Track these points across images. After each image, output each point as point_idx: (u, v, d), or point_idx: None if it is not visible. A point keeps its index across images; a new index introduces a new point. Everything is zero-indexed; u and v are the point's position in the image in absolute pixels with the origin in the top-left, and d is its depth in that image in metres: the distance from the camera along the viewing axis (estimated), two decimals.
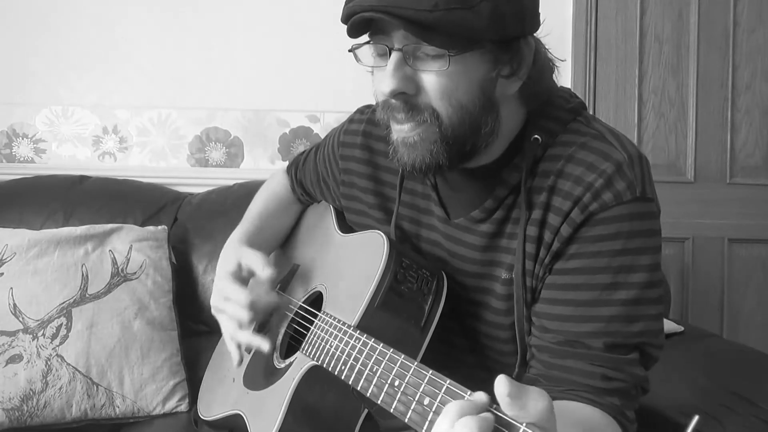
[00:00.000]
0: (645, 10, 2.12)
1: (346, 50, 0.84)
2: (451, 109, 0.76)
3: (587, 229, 0.77)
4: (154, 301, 1.45)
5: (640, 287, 0.77)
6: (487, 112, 0.79)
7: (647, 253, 0.77)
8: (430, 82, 0.76)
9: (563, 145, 0.82)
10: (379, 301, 0.82)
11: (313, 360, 0.85)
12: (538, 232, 0.81)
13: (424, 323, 0.83)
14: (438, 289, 0.86)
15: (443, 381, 0.59)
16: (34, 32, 1.90)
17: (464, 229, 0.88)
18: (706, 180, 2.15)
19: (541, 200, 0.81)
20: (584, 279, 0.78)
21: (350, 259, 0.96)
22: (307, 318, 0.95)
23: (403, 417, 0.62)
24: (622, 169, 0.77)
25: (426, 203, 0.94)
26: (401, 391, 0.64)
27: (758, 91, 2.14)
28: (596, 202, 0.77)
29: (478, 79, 0.77)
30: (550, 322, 0.80)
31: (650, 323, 0.78)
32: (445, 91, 0.75)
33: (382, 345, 0.72)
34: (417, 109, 0.77)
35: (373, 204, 1.00)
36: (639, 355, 0.78)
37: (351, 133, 1.04)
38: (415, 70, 0.76)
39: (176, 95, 1.94)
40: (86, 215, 1.59)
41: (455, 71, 0.75)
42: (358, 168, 1.02)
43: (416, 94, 0.77)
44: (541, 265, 0.81)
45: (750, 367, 1.31)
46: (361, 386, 0.72)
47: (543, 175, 0.81)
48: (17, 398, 1.29)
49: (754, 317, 2.16)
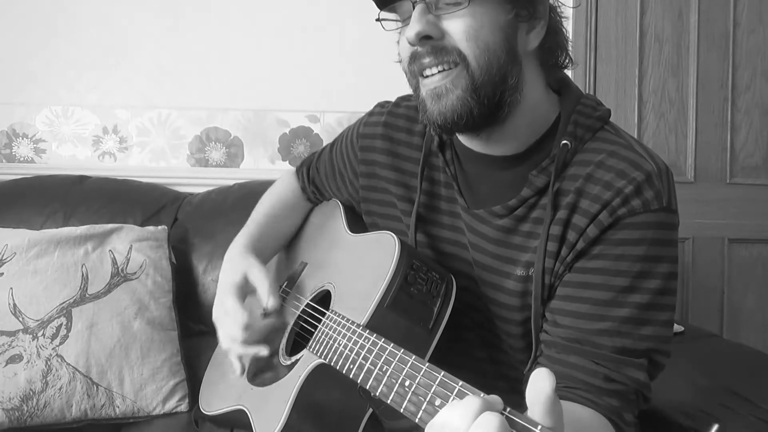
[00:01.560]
0: (645, 10, 2.12)
1: (346, 50, 0.85)
2: (478, 51, 0.79)
3: (614, 231, 0.79)
4: (154, 301, 1.45)
5: (655, 293, 0.78)
6: (511, 61, 0.81)
7: (666, 261, 0.79)
8: (455, 25, 0.79)
9: (592, 152, 0.83)
10: (389, 301, 0.83)
11: (320, 358, 0.85)
12: (562, 232, 0.82)
13: (433, 325, 0.83)
14: (447, 292, 0.87)
15: (455, 383, 0.59)
16: (34, 32, 1.90)
17: (482, 220, 0.88)
18: (706, 180, 2.14)
19: (567, 201, 0.82)
20: (603, 279, 0.79)
21: (360, 259, 0.96)
22: (314, 316, 0.95)
23: (414, 417, 0.62)
24: (651, 178, 0.79)
25: (449, 192, 0.95)
26: (412, 391, 0.63)
27: (758, 91, 2.14)
28: (625, 207, 0.78)
29: (500, 21, 0.80)
30: (563, 318, 0.81)
31: (659, 329, 0.79)
32: (469, 30, 0.79)
33: (392, 345, 0.72)
34: (444, 50, 0.79)
35: (394, 193, 1.00)
36: (646, 362, 0.79)
37: (371, 125, 1.05)
38: (438, 16, 0.79)
39: (176, 95, 1.94)
40: (86, 215, 1.59)
41: (477, 11, 0.78)
42: (379, 158, 1.02)
43: (442, 38, 0.79)
44: (562, 263, 0.82)
45: (750, 367, 1.31)
46: (370, 385, 0.72)
47: (571, 178, 0.83)
48: (17, 398, 1.29)
49: (754, 317, 2.16)
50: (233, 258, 1.07)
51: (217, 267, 1.57)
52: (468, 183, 0.92)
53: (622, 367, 0.77)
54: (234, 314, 1.00)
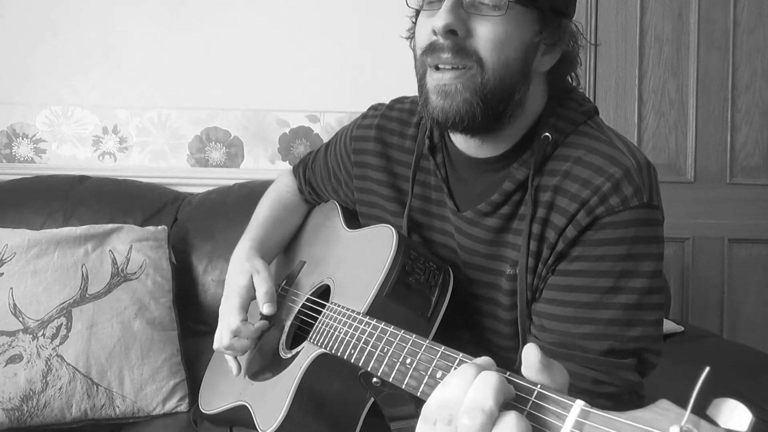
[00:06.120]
0: (645, 10, 2.12)
1: (346, 50, 0.84)
2: (498, 62, 0.78)
3: (593, 232, 0.78)
4: (154, 301, 1.45)
5: (641, 293, 0.77)
6: (522, 79, 0.80)
7: (650, 259, 0.78)
8: (484, 28, 0.77)
9: (572, 146, 0.82)
10: (388, 290, 0.83)
11: (321, 348, 0.85)
12: (541, 231, 0.81)
13: (431, 315, 0.84)
14: (444, 283, 0.87)
15: (456, 354, 0.59)
16: (34, 32, 1.90)
17: (471, 222, 0.88)
18: (706, 180, 2.14)
19: (545, 199, 0.81)
20: (586, 281, 0.78)
21: (359, 252, 0.96)
22: (314, 309, 0.95)
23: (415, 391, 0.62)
24: (630, 174, 0.78)
25: (439, 195, 0.94)
26: (413, 367, 0.63)
27: (758, 91, 2.14)
28: (603, 205, 0.77)
29: (525, 40, 0.79)
30: (549, 321, 0.80)
31: (649, 329, 0.78)
32: (497, 41, 0.77)
33: (392, 327, 0.72)
34: (465, 51, 0.78)
35: (387, 196, 1.00)
36: (635, 361, 0.78)
37: (365, 127, 1.05)
38: (469, 14, 0.77)
39: (176, 95, 1.94)
40: (86, 215, 1.59)
41: (510, 24, 0.77)
42: (371, 161, 1.02)
43: (466, 38, 0.78)
44: (544, 264, 0.81)
45: (750, 367, 1.31)
46: (371, 367, 0.71)
47: (550, 173, 0.82)
48: (17, 398, 1.29)
49: (754, 317, 2.16)
50: (240, 260, 1.08)
51: (217, 267, 1.58)
52: (459, 186, 0.92)
53: (612, 369, 0.76)
54: (228, 318, 1.02)
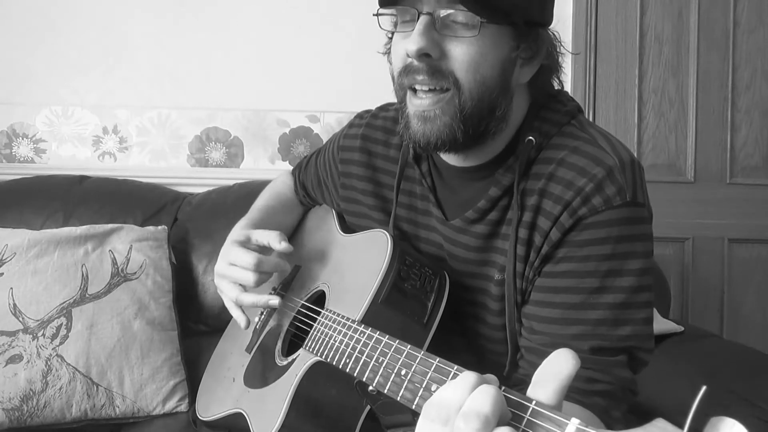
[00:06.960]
0: (645, 10, 2.12)
1: (346, 50, 0.84)
2: (474, 83, 0.77)
3: (576, 233, 0.78)
4: (154, 301, 1.45)
5: (629, 291, 0.77)
6: (503, 94, 0.80)
7: (636, 257, 0.78)
8: (459, 50, 0.76)
9: (555, 149, 0.82)
10: (383, 297, 0.83)
11: (316, 356, 0.85)
12: (528, 235, 0.81)
13: (427, 320, 0.84)
14: (440, 287, 0.87)
15: (450, 367, 0.59)
16: (34, 32, 1.90)
17: (459, 230, 0.88)
18: (706, 180, 2.14)
19: (531, 203, 0.81)
20: (572, 282, 0.78)
21: (353, 258, 0.96)
22: (309, 316, 0.95)
23: (410, 404, 0.62)
24: (613, 173, 0.77)
25: (424, 204, 0.94)
26: (408, 379, 0.63)
27: (758, 91, 2.14)
28: (585, 206, 0.77)
29: (501, 57, 0.78)
30: (538, 324, 0.80)
31: (638, 327, 0.78)
32: (472, 61, 0.76)
33: (387, 337, 0.72)
34: (440, 73, 0.77)
35: (372, 206, 1.00)
36: (627, 358, 0.78)
37: (350, 137, 1.05)
38: (443, 36, 0.76)
39: (176, 95, 1.94)
40: (86, 215, 1.59)
41: (483, 43, 0.76)
42: (357, 171, 1.02)
43: (440, 59, 0.77)
44: (531, 267, 0.81)
45: (750, 367, 1.31)
46: (366, 377, 0.72)
47: (535, 177, 0.82)
48: (17, 398, 1.29)
49: (754, 317, 2.16)
50: (234, 231, 1.06)
51: None
52: (445, 194, 0.92)
53: (605, 367, 0.76)
54: (241, 260, 0.95)
